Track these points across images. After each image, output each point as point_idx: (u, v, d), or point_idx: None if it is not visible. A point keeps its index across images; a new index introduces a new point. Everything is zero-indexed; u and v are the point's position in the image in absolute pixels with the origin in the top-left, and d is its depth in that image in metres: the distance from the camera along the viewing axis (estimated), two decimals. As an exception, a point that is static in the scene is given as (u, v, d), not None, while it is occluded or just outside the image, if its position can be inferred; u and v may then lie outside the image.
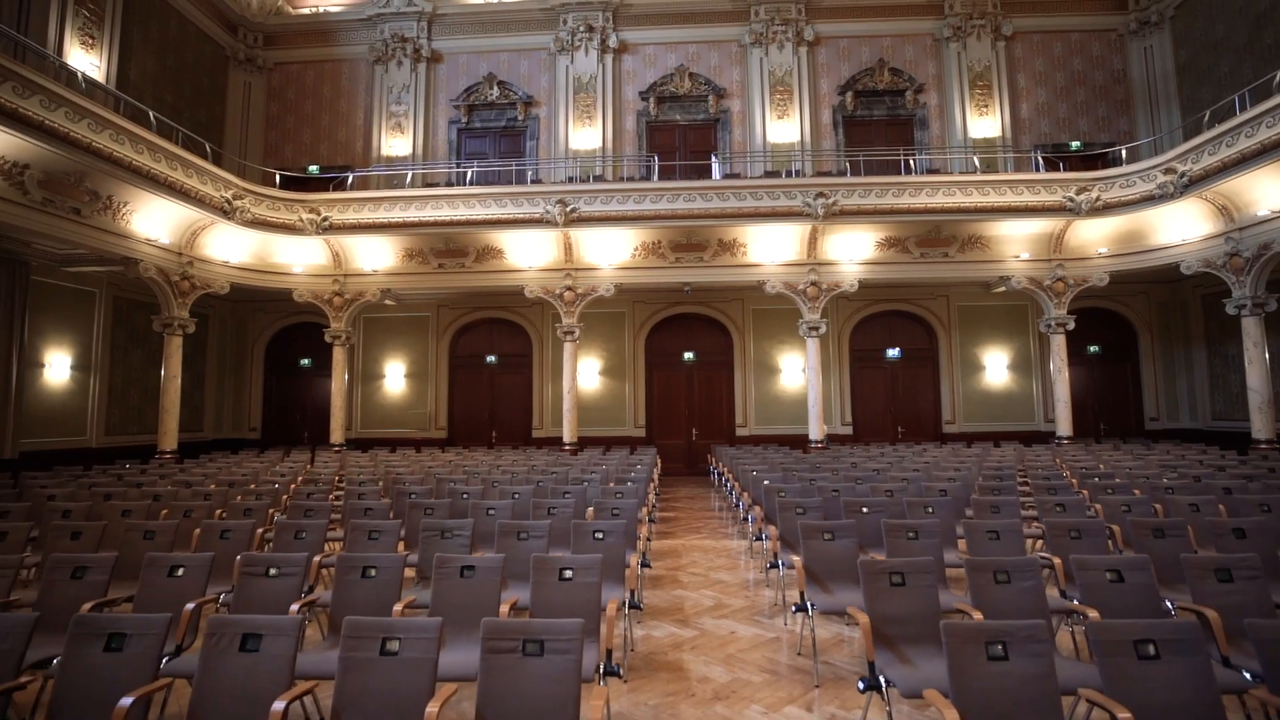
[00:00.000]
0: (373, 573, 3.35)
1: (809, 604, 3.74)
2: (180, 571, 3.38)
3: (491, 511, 5.07)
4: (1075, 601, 3.25)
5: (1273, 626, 2.33)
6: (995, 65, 13.93)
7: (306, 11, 14.99)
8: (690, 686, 3.60)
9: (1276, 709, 2.21)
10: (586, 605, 3.20)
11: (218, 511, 5.71)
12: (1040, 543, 5.04)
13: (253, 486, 7.21)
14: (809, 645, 4.05)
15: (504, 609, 3.19)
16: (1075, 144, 13.85)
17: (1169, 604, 3.25)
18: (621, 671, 3.45)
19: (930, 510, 4.97)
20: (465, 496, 6.00)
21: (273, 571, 3.35)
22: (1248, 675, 2.56)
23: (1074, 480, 6.97)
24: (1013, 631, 2.27)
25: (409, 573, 4.24)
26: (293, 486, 7.05)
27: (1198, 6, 12.95)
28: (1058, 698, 2.17)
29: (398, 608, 3.14)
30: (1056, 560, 3.88)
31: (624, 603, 3.75)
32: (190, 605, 2.83)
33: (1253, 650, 2.38)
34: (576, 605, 3.16)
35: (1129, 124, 13.87)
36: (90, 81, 9.95)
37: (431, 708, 2.12)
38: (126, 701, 2.17)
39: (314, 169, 14.36)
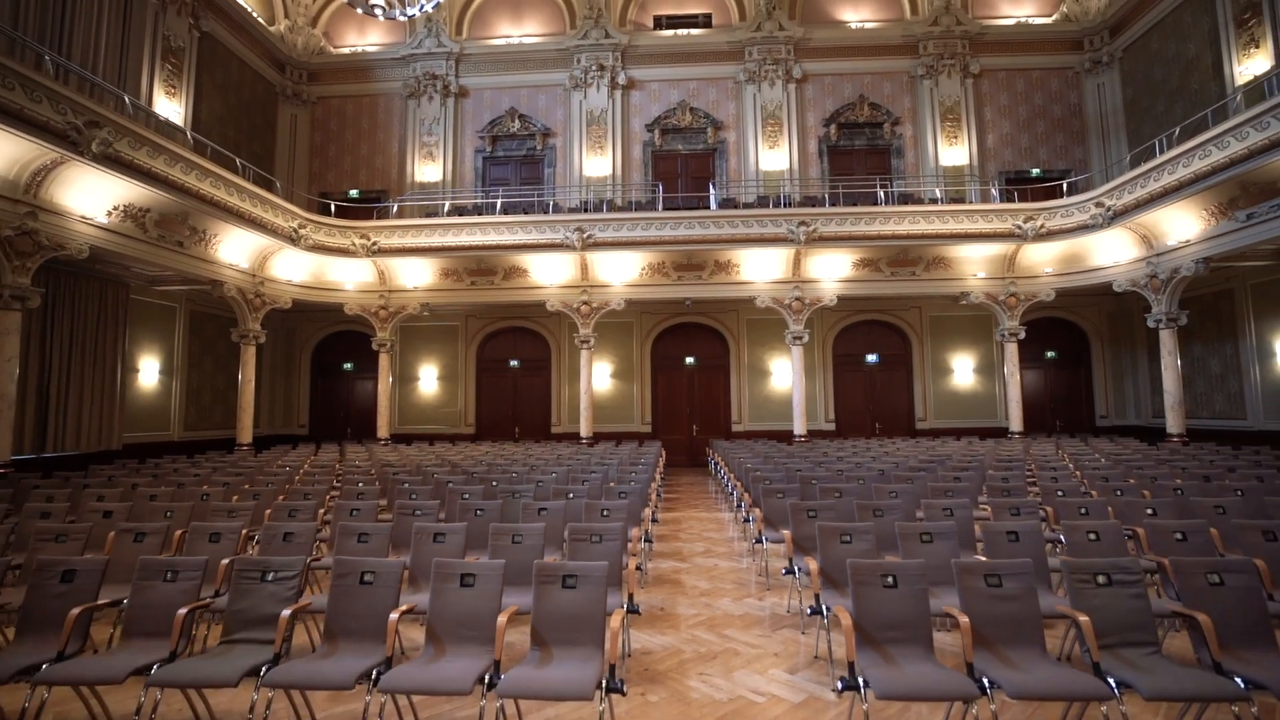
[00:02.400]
0: (481, 511, 5.34)
1: (764, 538, 5.73)
2: (357, 511, 5.38)
3: (541, 482, 7.06)
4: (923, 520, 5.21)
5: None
6: (964, 100, 15.86)
7: (346, 51, 17.00)
8: (685, 590, 5.59)
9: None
10: (619, 533, 5.17)
11: (331, 488, 7.69)
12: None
13: (335, 469, 9.22)
14: (765, 570, 6.04)
15: (565, 534, 5.17)
16: (1035, 170, 15.80)
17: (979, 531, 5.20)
18: (643, 569, 5.43)
19: (862, 481, 6.95)
20: (516, 475, 7.99)
21: (418, 512, 5.35)
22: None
23: (993, 464, 8.92)
24: (857, 529, 4.24)
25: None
26: (372, 470, 9.04)
27: (1141, 50, 14.87)
28: (880, 558, 4.14)
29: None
30: (921, 509, 5.84)
31: (642, 537, 5.74)
32: (385, 526, 4.77)
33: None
34: (612, 534, 5.13)
35: (1083, 153, 15.80)
36: (175, 129, 11.95)
37: (548, 559, 4.11)
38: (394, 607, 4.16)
39: (354, 193, 16.39)
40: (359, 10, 10.69)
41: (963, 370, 15.54)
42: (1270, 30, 11.71)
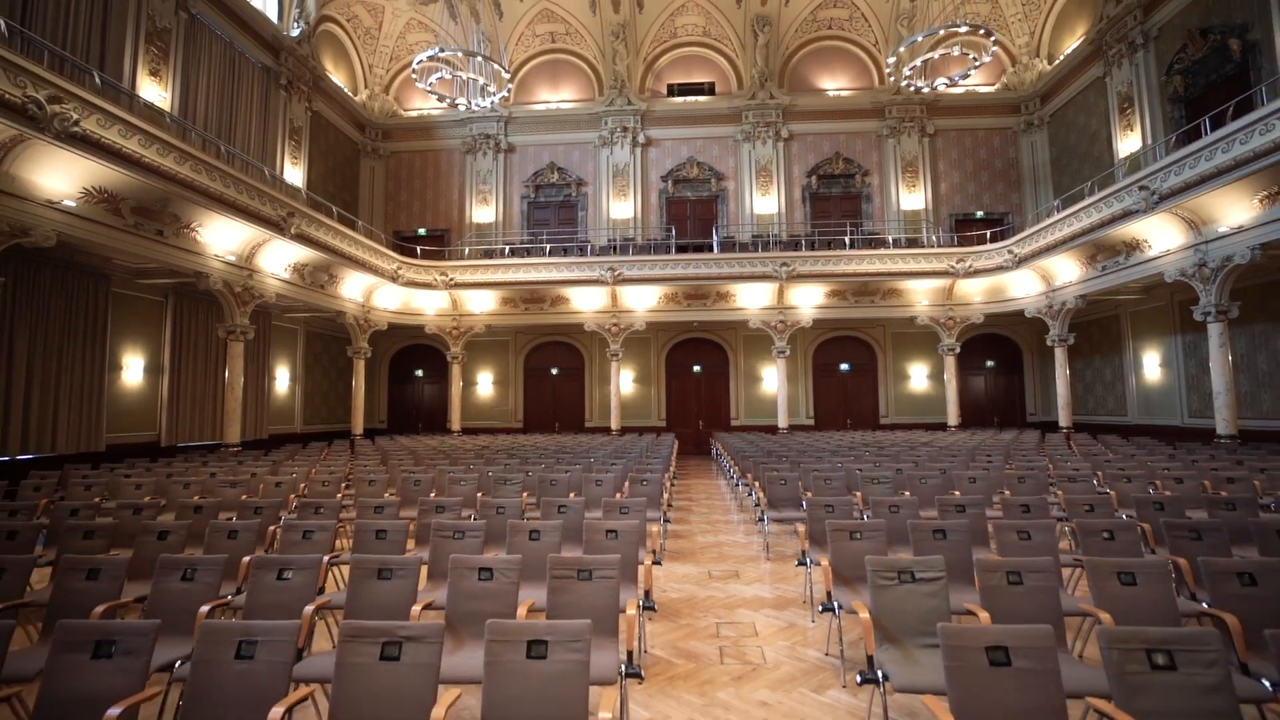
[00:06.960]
0: (579, 464, 9.67)
1: (739, 484, 10.08)
2: (508, 463, 9.74)
3: (601, 454, 11.41)
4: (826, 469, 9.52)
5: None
6: (921, 155, 20.11)
7: (414, 113, 21.38)
8: (695, 514, 9.95)
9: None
10: (655, 490, 9.46)
11: (465, 460, 12.02)
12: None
13: (452, 447, 13.57)
14: (742, 505, 10.40)
15: (627, 488, 9.50)
16: (980, 213, 20.05)
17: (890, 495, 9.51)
18: (668, 516, 9.81)
19: (806, 453, 11.27)
20: (581, 452, 12.32)
21: (544, 466, 9.69)
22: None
23: (910, 446, 13.20)
24: (786, 472, 8.55)
25: (576, 476, 10.57)
26: (469, 448, 13.38)
27: (1062, 118, 19.08)
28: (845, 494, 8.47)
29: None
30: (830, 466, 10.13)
31: (669, 489, 10.08)
32: (540, 467, 9.08)
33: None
34: (652, 490, 9.41)
35: (1019, 198, 20.04)
36: (307, 194, 16.37)
37: (625, 484, 8.46)
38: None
39: (422, 231, 20.78)
40: (447, 102, 15.11)
41: (918, 376, 19.83)
42: (1139, 119, 15.92)
